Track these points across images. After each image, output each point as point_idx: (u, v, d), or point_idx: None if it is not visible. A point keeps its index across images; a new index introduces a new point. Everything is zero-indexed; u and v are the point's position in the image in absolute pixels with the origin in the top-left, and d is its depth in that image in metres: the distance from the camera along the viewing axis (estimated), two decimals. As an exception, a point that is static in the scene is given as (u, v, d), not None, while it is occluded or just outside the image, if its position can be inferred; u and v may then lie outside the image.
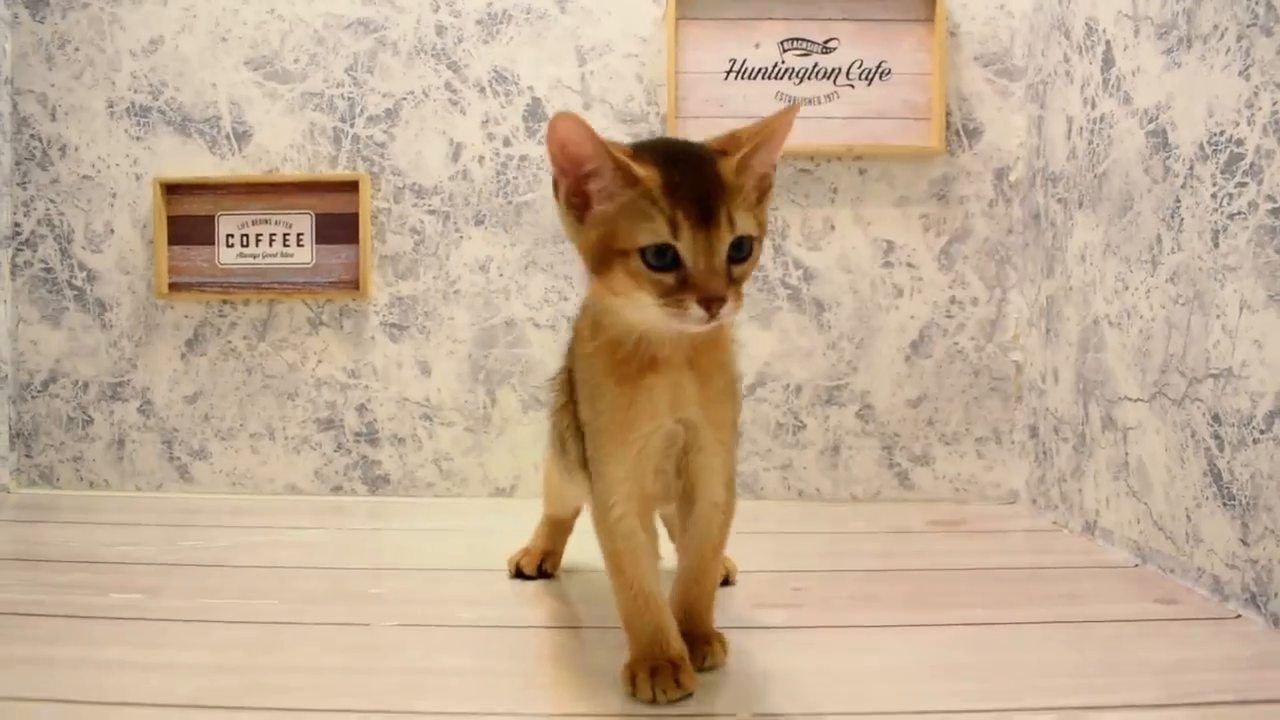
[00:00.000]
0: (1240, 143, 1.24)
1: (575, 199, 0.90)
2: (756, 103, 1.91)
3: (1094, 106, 1.62)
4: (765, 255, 1.92)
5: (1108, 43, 1.58)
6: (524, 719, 0.93)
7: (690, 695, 0.96)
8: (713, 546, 1.06)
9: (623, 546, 1.00)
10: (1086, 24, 1.65)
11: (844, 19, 1.90)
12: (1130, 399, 1.51)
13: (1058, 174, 1.76)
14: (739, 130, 0.93)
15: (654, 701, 0.94)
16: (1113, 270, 1.55)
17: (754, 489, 1.97)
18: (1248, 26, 1.22)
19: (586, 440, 1.02)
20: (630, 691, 0.95)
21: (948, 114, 1.93)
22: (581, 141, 0.86)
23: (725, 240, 0.86)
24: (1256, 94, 1.20)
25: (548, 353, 1.96)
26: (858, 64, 1.91)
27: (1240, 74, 1.24)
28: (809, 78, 1.92)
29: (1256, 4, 1.20)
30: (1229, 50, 1.26)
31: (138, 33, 1.99)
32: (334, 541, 1.66)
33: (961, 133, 1.94)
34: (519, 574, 1.41)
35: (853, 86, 1.91)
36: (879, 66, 1.91)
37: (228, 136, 1.99)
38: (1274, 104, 1.17)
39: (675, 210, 0.85)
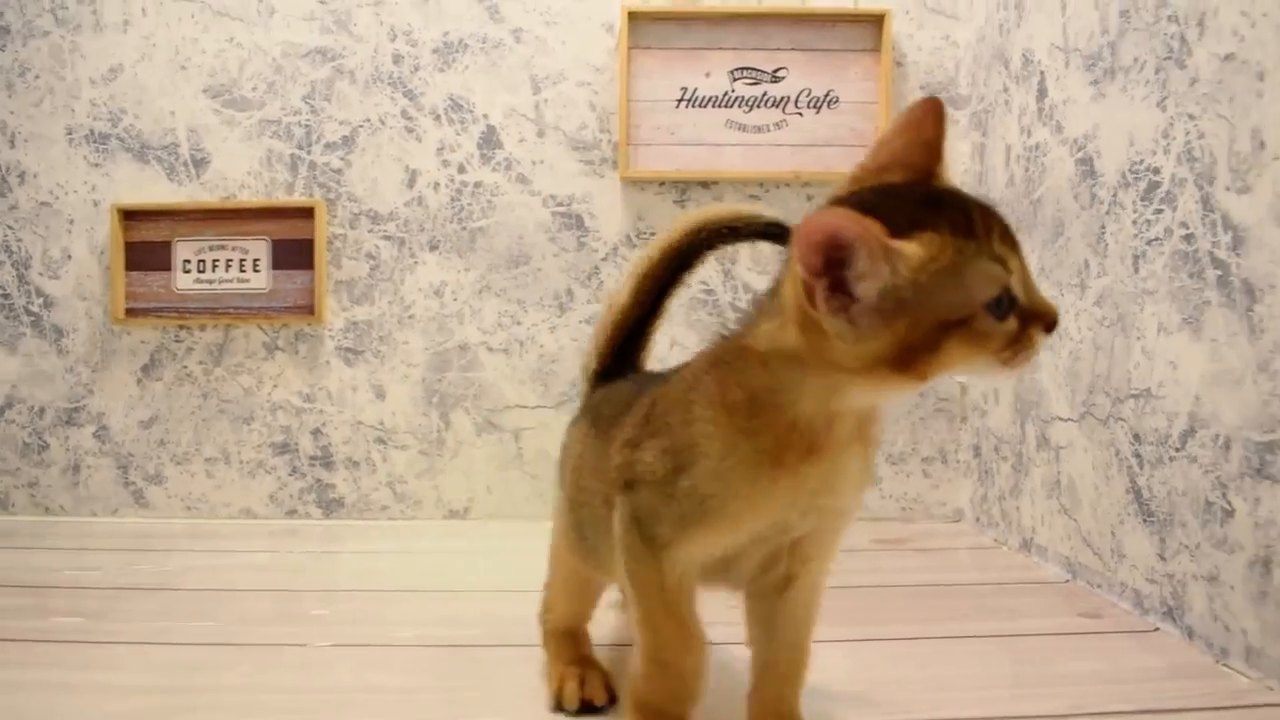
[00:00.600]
0: (1157, 171, 1.27)
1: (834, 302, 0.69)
2: (707, 130, 1.95)
3: (1030, 135, 1.66)
4: (716, 279, 1.95)
5: (1042, 73, 1.62)
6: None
7: None
8: (809, 635, 0.87)
9: (676, 585, 0.82)
10: (1024, 55, 1.69)
11: (792, 49, 1.94)
12: (1062, 419, 1.54)
13: (998, 200, 1.80)
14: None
15: None
16: (1046, 294, 1.59)
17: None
18: (1164, 59, 1.26)
19: (664, 500, 0.79)
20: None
21: (893, 141, 1.96)
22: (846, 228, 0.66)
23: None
24: (1171, 124, 1.24)
25: (501, 376, 1.98)
26: (806, 93, 1.95)
27: (1158, 105, 1.28)
28: (758, 106, 1.95)
29: (1172, 38, 1.24)
30: (1148, 82, 1.30)
31: (97, 61, 2.01)
32: (284, 564, 1.67)
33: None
34: (588, 709, 0.99)
35: (801, 115, 1.95)
36: (827, 95, 1.95)
37: (185, 163, 2.01)
38: (1186, 134, 1.21)
39: (999, 248, 0.70)
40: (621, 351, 1.10)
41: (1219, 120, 1.15)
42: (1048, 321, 0.71)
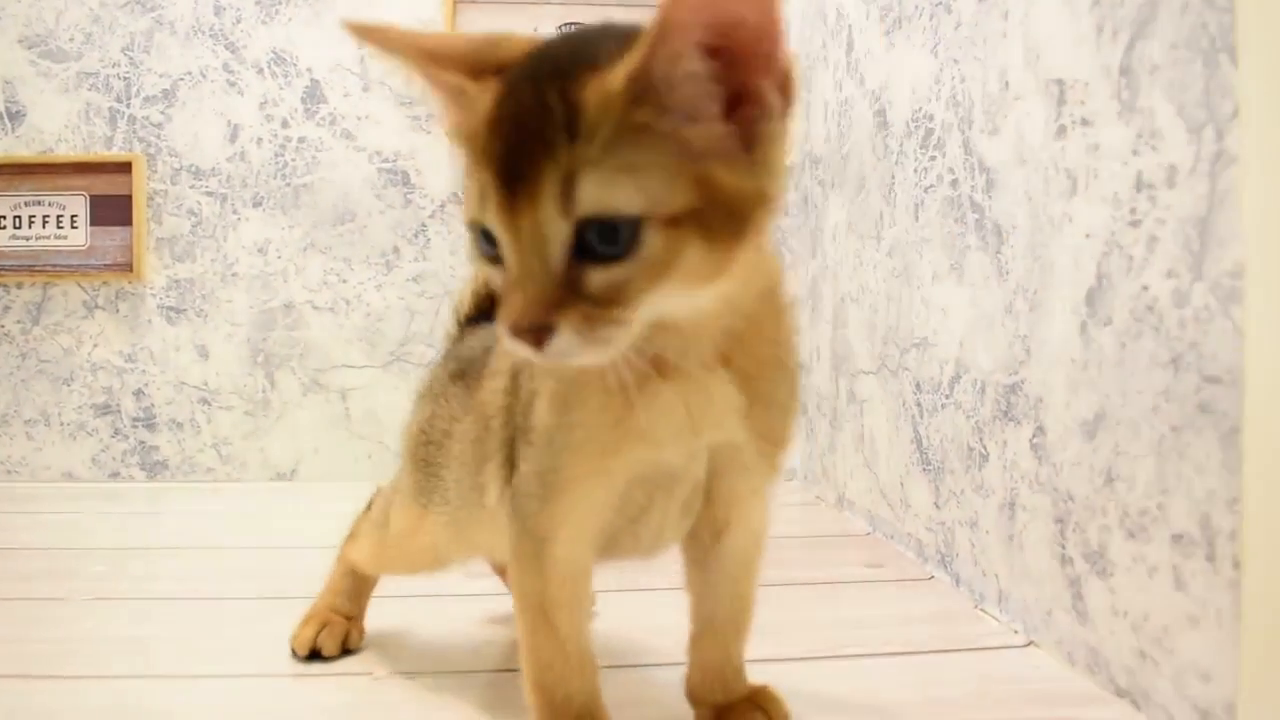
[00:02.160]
0: (932, 118, 1.28)
1: None
2: (534, 86, 1.92)
3: (841, 90, 1.66)
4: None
5: (849, 27, 1.62)
6: (161, 679, 0.93)
7: None
8: (750, 584, 0.79)
9: (561, 594, 0.71)
10: (836, 9, 1.69)
11: (619, 4, 1.93)
12: (865, 372, 1.55)
13: (818, 157, 1.80)
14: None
15: None
16: (853, 248, 1.60)
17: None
18: (935, 5, 1.26)
19: (527, 451, 0.70)
20: None
21: (722, 99, 1.96)
22: None
23: (546, 225, 0.52)
24: (942, 70, 1.25)
25: (327, 335, 1.95)
26: (634, 49, 1.93)
27: (931, 51, 1.28)
28: (586, 62, 1.93)
29: (942, -17, 1.25)
30: (924, 29, 1.30)
31: (-93, 10, 1.94)
32: (87, 525, 1.63)
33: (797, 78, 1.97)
34: (315, 655, 0.97)
35: (629, 71, 1.93)
36: (655, 51, 1.93)
37: (1, 116, 1.95)
38: (952, 79, 1.21)
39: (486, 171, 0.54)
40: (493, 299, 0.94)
41: (975, 63, 1.15)
42: (506, 317, 0.55)
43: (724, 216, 0.53)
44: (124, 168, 1.93)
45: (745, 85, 0.52)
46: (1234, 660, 0.71)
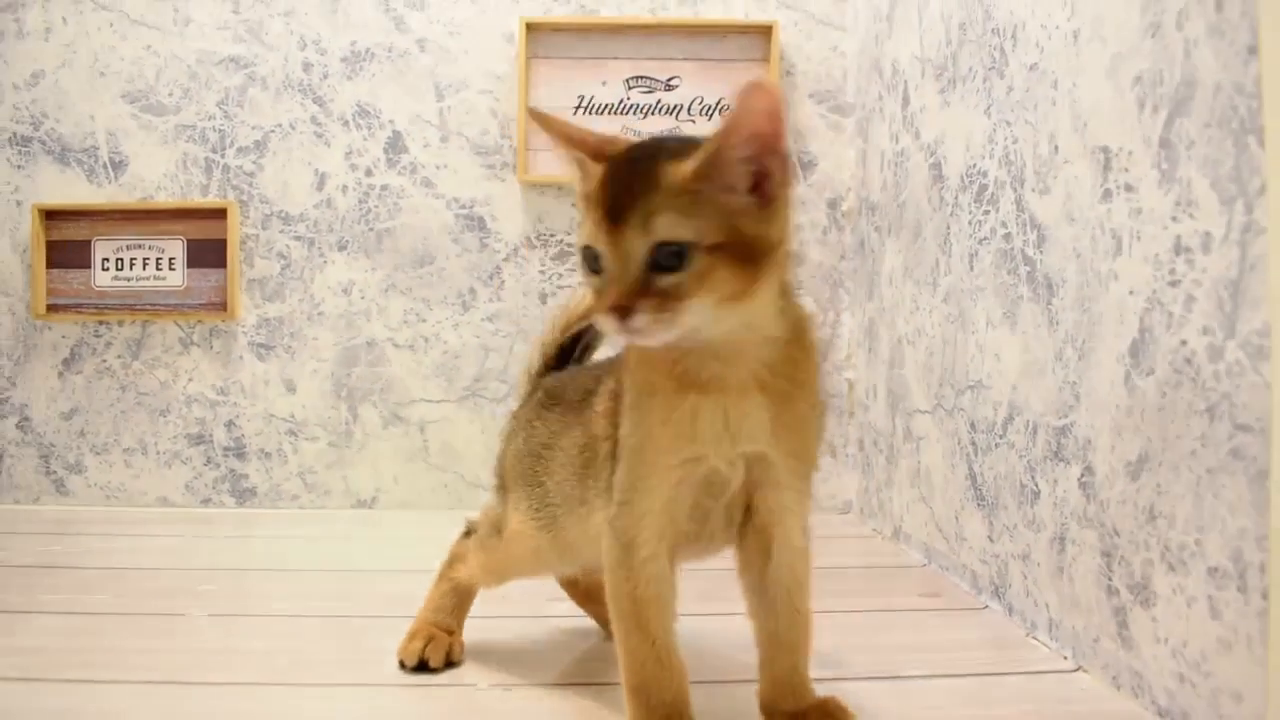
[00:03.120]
0: (985, 174, 1.37)
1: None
2: (604, 136, 2.03)
3: (897, 141, 1.75)
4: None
5: (905, 82, 1.71)
6: (290, 688, 1.03)
7: None
8: (804, 598, 0.91)
9: (648, 593, 0.85)
10: (892, 65, 1.78)
11: (685, 59, 2.03)
12: (921, 411, 1.63)
13: (875, 203, 1.89)
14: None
15: None
16: (909, 293, 1.68)
17: (603, 501, 2.08)
18: (989, 69, 1.35)
19: (618, 465, 0.88)
20: None
21: (783, 147, 2.05)
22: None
23: (633, 245, 0.76)
24: (995, 130, 1.33)
25: (407, 371, 2.06)
26: (698, 100, 2.04)
27: (984, 112, 1.37)
28: (653, 113, 2.04)
29: (994, 49, 1.33)
30: (978, 91, 1.39)
31: (20, 66, 2.08)
32: (191, 548, 1.74)
33: (797, 164, 2.07)
34: (422, 666, 1.08)
35: (694, 122, 2.04)
36: (719, 103, 2.03)
37: (105, 166, 2.09)
38: (1005, 140, 1.30)
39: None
40: (564, 352, 1.18)
41: (1026, 126, 1.24)
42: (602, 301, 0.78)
43: (746, 251, 0.77)
44: (219, 214, 2.06)
45: (762, 168, 0.78)
46: (1262, 681, 0.79)
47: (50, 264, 2.09)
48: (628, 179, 0.78)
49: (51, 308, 2.09)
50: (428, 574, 1.16)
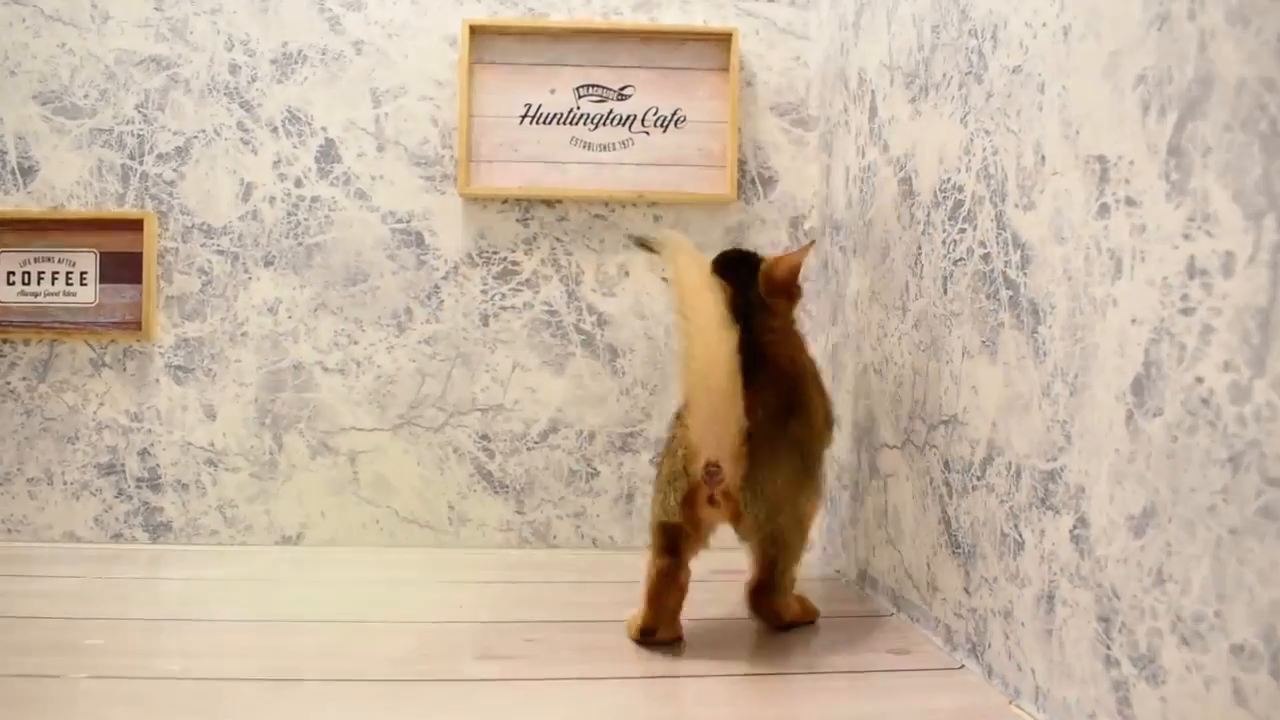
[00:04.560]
0: (961, 189, 1.24)
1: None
2: (551, 147, 1.90)
3: (864, 155, 1.63)
4: (560, 300, 1.90)
5: (873, 92, 1.59)
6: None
7: None
8: None
9: None
10: (859, 74, 1.66)
11: (639, 66, 1.91)
12: (889, 446, 1.50)
13: (839, 222, 1.77)
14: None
15: None
16: (876, 317, 1.56)
17: (546, 537, 1.93)
18: (965, 74, 1.23)
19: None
20: None
21: (742, 162, 1.93)
22: None
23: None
24: (972, 140, 1.21)
25: (337, 397, 1.91)
26: (653, 111, 1.91)
27: (960, 121, 1.24)
28: (604, 124, 1.91)
29: (971, 52, 1.21)
30: (953, 98, 1.27)
31: (-79, 64, 1.93)
32: (86, 591, 1.58)
33: (757, 181, 1.94)
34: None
35: (648, 134, 1.91)
36: (674, 114, 1.91)
37: (12, 171, 1.93)
38: (983, 150, 1.18)
39: None
40: None
41: (1009, 135, 1.11)
42: None
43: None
44: (135, 225, 1.91)
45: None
46: (1305, 789, 0.66)
47: (-49, 278, 1.93)
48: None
49: (-49, 325, 1.93)
50: (358, 624, 1.01)
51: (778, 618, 1.37)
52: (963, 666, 1.22)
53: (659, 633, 1.29)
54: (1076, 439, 0.97)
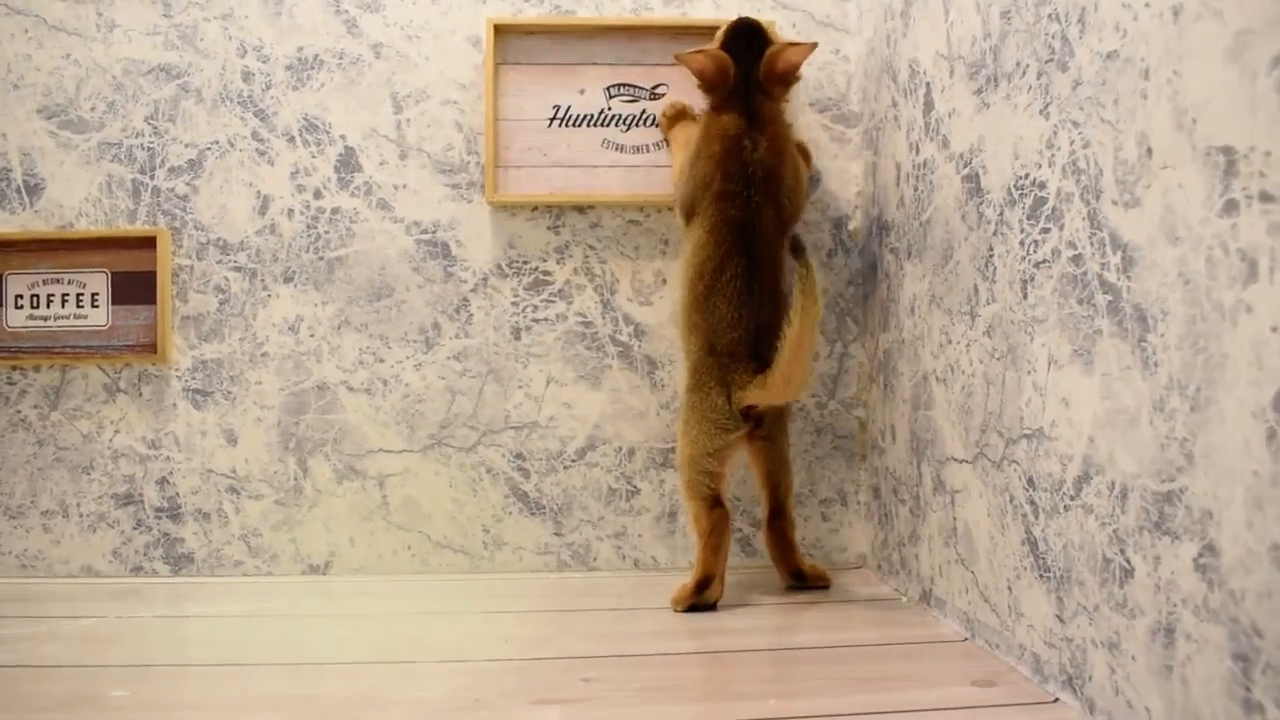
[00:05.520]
0: (1043, 186, 1.15)
1: None
2: (582, 151, 1.81)
3: (918, 152, 1.54)
4: (594, 311, 1.82)
5: (927, 85, 1.50)
6: None
7: None
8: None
9: None
10: (910, 66, 1.57)
11: (672, 64, 1.81)
12: (956, 460, 1.41)
13: (890, 222, 1.68)
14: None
15: None
16: (938, 323, 1.47)
17: (586, 559, 1.84)
18: (1045, 62, 1.14)
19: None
20: None
21: (782, 162, 1.84)
22: None
23: None
24: (1055, 133, 1.12)
25: (363, 418, 1.83)
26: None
27: (1040, 113, 1.16)
28: (637, 124, 1.82)
29: (1053, 38, 1.12)
30: (1030, 88, 1.18)
31: (-79, 80, 1.84)
32: (108, 632, 1.50)
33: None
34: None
35: (683, 133, 1.82)
36: (710, 113, 1.82)
37: (18, 190, 1.84)
38: (1071, 143, 1.09)
39: None
40: None
41: (1104, 126, 1.02)
42: None
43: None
44: (148, 243, 1.82)
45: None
46: None
47: (-44, 302, 1.84)
48: None
49: (-42, 352, 1.84)
50: (397, 666, 0.93)
51: (794, 552, 1.67)
52: (1057, 700, 1.13)
53: (712, 586, 1.51)
54: (1201, 459, 0.88)
